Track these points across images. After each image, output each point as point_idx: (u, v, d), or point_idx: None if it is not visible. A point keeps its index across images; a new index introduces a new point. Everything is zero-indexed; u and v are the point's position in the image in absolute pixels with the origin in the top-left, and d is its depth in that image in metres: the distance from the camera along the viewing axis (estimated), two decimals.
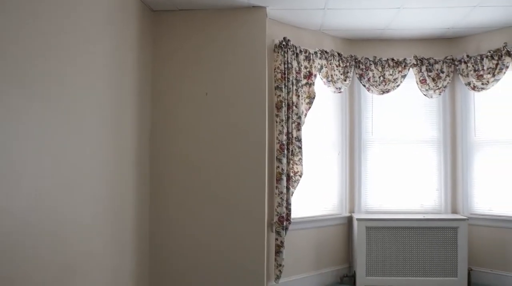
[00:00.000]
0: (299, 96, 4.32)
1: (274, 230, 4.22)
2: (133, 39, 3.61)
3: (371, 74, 4.89)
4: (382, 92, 4.91)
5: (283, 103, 4.21)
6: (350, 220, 4.97)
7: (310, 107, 4.45)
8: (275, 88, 4.25)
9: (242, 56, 4.05)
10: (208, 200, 4.01)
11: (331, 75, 4.66)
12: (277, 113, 4.23)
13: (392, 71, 4.90)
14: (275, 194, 4.20)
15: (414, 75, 4.93)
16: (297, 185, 4.32)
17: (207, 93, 4.06)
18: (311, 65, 4.48)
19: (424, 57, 4.92)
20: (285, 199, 4.19)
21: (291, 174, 4.27)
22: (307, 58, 4.47)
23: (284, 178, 4.18)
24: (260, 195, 3.99)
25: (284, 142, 4.19)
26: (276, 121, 4.23)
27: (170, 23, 4.08)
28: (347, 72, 4.82)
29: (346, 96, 5.02)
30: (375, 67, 4.90)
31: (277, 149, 4.21)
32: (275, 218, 4.20)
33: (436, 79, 4.90)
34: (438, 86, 4.90)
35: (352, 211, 5.01)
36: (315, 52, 4.54)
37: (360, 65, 4.91)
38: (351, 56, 4.90)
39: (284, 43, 4.28)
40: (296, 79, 4.33)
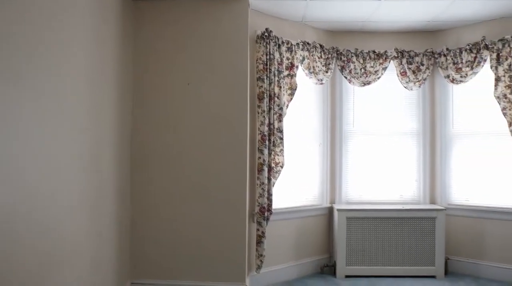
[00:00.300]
0: (281, 87, 4.34)
1: (255, 220, 4.24)
2: (113, 28, 3.57)
3: (352, 66, 4.92)
4: (363, 84, 4.96)
5: (265, 94, 4.22)
6: (330, 210, 5.03)
7: (291, 99, 4.46)
8: (257, 79, 4.25)
9: (224, 46, 4.04)
10: (189, 191, 4.01)
11: (313, 67, 4.68)
12: (259, 104, 4.24)
13: (373, 64, 4.95)
14: (257, 184, 4.23)
15: (395, 68, 4.98)
16: (278, 176, 4.34)
17: (189, 84, 4.04)
18: (293, 57, 4.49)
19: (405, 49, 4.97)
20: (266, 189, 4.21)
21: (273, 164, 4.29)
22: (289, 50, 4.48)
23: (266, 168, 4.20)
24: (242, 185, 4.01)
25: (265, 133, 4.20)
26: (258, 112, 4.24)
27: (151, 13, 4.05)
28: (329, 64, 4.84)
29: (328, 88, 5.05)
30: (357, 59, 4.93)
31: (258, 140, 4.23)
32: (257, 209, 4.22)
33: (416, 71, 4.97)
34: (418, 79, 4.96)
35: (333, 201, 5.06)
36: (297, 44, 4.55)
37: (342, 57, 4.94)
38: (333, 48, 4.92)
39: (266, 34, 4.27)
40: (278, 70, 4.34)
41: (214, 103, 4.03)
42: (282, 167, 4.34)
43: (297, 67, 4.52)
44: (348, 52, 4.93)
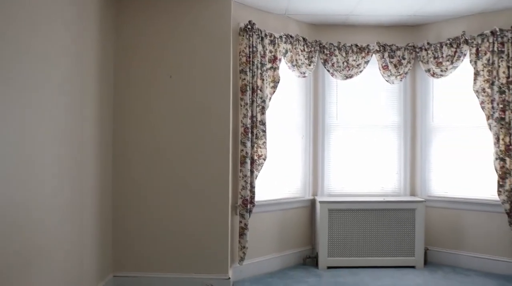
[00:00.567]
0: (263, 80, 4.35)
1: (238, 212, 4.27)
2: (94, 20, 3.53)
3: (335, 60, 4.95)
4: (345, 77, 5.00)
5: (248, 87, 4.23)
6: (313, 202, 5.08)
7: (274, 91, 4.48)
8: (240, 72, 4.26)
9: (207, 39, 4.03)
10: (172, 183, 4.01)
11: (296, 60, 4.70)
12: (241, 97, 4.24)
13: (356, 57, 4.99)
14: (239, 177, 4.24)
15: (377, 61, 5.03)
16: (261, 168, 4.37)
17: (171, 76, 4.03)
18: (276, 50, 4.50)
19: (387, 43, 5.02)
20: (249, 182, 4.23)
21: (255, 157, 4.31)
22: (272, 42, 4.49)
23: (248, 161, 4.22)
24: (224, 178, 4.03)
25: (248, 125, 4.22)
26: (241, 105, 4.25)
27: (133, 6, 4.01)
28: (312, 57, 4.87)
29: (311, 81, 5.08)
30: (339, 53, 4.97)
31: (241, 132, 4.24)
32: (239, 201, 4.24)
33: (397, 65, 5.02)
34: (400, 73, 5.02)
35: (315, 194, 5.11)
36: (280, 37, 4.56)
37: (325, 50, 4.97)
38: (316, 41, 4.95)
39: (249, 26, 4.27)
40: (261, 63, 4.35)
41: (197, 96, 4.02)
42: (264, 160, 4.37)
43: (280, 60, 4.53)
44: (331, 46, 4.96)
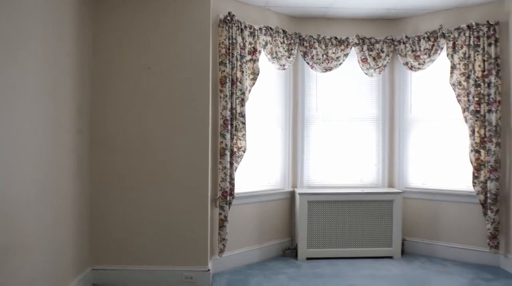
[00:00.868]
0: (243, 72, 4.34)
1: (217, 204, 4.27)
2: (72, 10, 3.47)
3: (314, 52, 4.97)
4: (325, 70, 5.02)
5: (227, 79, 4.22)
6: (292, 194, 5.11)
7: (254, 83, 4.48)
8: (219, 64, 4.24)
9: (186, 30, 4.00)
10: (151, 176, 3.98)
11: (276, 52, 4.70)
12: (221, 88, 4.23)
13: (335, 50, 5.01)
14: (219, 169, 4.24)
15: (356, 54, 5.07)
16: (240, 160, 4.37)
17: (149, 68, 3.99)
18: (255, 41, 4.49)
19: (366, 36, 5.06)
20: (228, 174, 4.24)
21: (235, 149, 4.32)
22: (252, 34, 4.48)
23: (228, 153, 4.22)
24: (204, 170, 4.02)
25: (228, 117, 4.21)
26: (220, 97, 4.23)
27: None
28: (292, 49, 4.88)
29: (290, 73, 5.09)
30: (319, 45, 4.99)
31: (220, 124, 4.23)
32: (219, 193, 4.24)
33: (376, 58, 5.07)
34: (378, 65, 5.07)
35: (295, 186, 5.14)
36: (260, 29, 4.55)
37: (304, 43, 4.98)
38: (296, 33, 4.95)
39: (229, 18, 4.26)
40: (240, 55, 4.34)
41: (176, 88, 3.99)
42: (244, 152, 4.37)
43: (259, 52, 4.52)
44: (311, 38, 4.98)
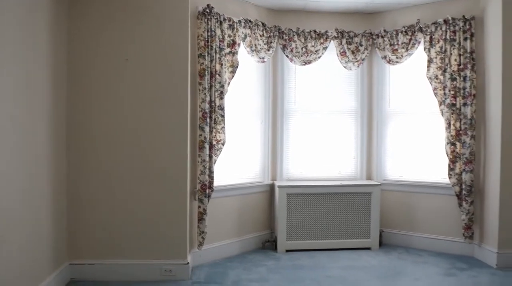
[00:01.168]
0: (222, 64, 4.33)
1: (196, 197, 4.26)
2: (45, 5, 3.39)
3: (294, 45, 4.98)
4: (304, 63, 5.04)
5: (206, 72, 4.20)
6: (272, 187, 5.13)
7: (233, 76, 4.46)
8: (198, 56, 4.22)
9: (164, 22, 3.95)
10: (129, 168, 3.95)
11: (255, 45, 4.69)
12: (200, 81, 4.21)
13: (314, 43, 5.03)
14: (198, 162, 4.23)
15: (335, 48, 5.09)
16: (219, 153, 4.36)
17: (127, 59, 3.94)
18: (234, 34, 4.47)
19: (345, 30, 5.09)
20: (207, 167, 4.23)
21: (214, 142, 4.31)
22: (231, 27, 4.46)
23: (207, 146, 4.21)
24: (183, 163, 4.00)
25: (206, 110, 4.20)
26: (199, 90, 4.21)
27: None
28: (271, 42, 4.87)
29: (270, 66, 5.09)
30: (298, 39, 4.99)
31: (199, 117, 4.21)
32: (198, 186, 4.23)
33: (355, 52, 5.10)
34: (357, 59, 5.11)
35: (274, 178, 5.16)
36: (239, 21, 4.54)
37: (284, 36, 4.98)
38: (275, 26, 4.95)
39: (207, 10, 4.23)
40: (219, 47, 4.32)
41: (154, 80, 3.95)
42: (223, 145, 4.36)
43: (239, 45, 4.51)
44: (290, 31, 4.98)
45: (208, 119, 4.21)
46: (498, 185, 4.30)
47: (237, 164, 4.83)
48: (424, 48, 4.79)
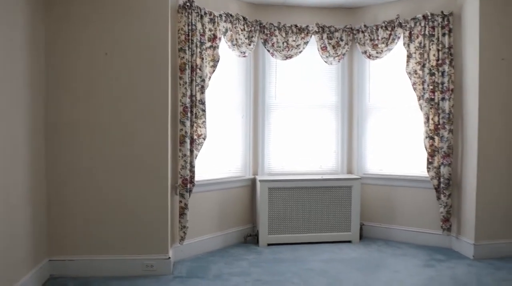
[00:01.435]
0: (203, 59, 4.31)
1: (178, 192, 4.24)
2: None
3: (275, 40, 4.99)
4: (285, 57, 5.05)
5: (187, 66, 4.18)
6: (253, 181, 5.14)
7: (214, 71, 4.45)
8: (178, 50, 4.19)
9: (144, 16, 3.91)
10: (109, 163, 3.91)
11: (236, 39, 4.68)
12: (180, 75, 4.18)
13: (295, 38, 5.04)
14: (179, 156, 4.21)
15: (316, 42, 5.12)
16: (201, 148, 4.35)
17: (107, 53, 3.89)
18: (215, 28, 4.46)
19: (326, 25, 5.11)
20: (188, 161, 4.21)
21: (195, 136, 4.29)
22: (212, 21, 4.44)
23: (188, 140, 4.19)
24: (163, 157, 3.98)
25: (187, 105, 4.18)
26: (180, 84, 4.19)
27: None
28: (252, 36, 4.87)
29: (251, 60, 5.09)
30: (279, 33, 5.00)
31: (180, 112, 4.19)
32: (179, 181, 4.22)
33: (336, 47, 5.13)
34: (338, 54, 5.14)
35: (255, 173, 5.17)
36: (220, 15, 4.52)
37: (265, 30, 4.98)
38: (256, 21, 4.94)
39: (188, 4, 4.20)
40: (200, 41, 4.30)
41: (134, 74, 3.91)
42: (204, 139, 4.35)
43: (219, 39, 4.49)
44: (271, 26, 4.98)
45: (189, 114, 4.19)
46: (475, 178, 4.39)
47: (218, 158, 4.83)
48: (404, 44, 4.85)
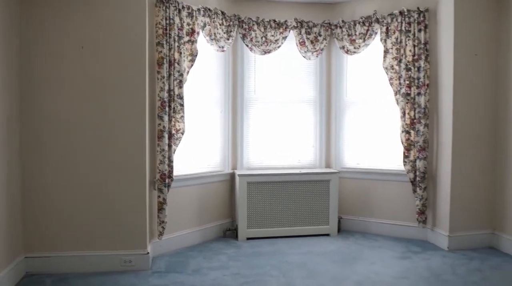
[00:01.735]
0: (181, 53, 4.28)
1: (156, 187, 4.23)
2: None
3: (253, 34, 4.99)
4: (264, 52, 5.06)
5: (165, 60, 4.15)
6: (232, 176, 5.15)
7: (192, 65, 4.43)
8: (156, 45, 4.15)
9: (121, 9, 3.87)
10: (86, 158, 3.87)
11: (214, 34, 4.67)
12: (158, 70, 4.15)
13: (274, 32, 5.05)
14: (157, 151, 4.19)
15: (294, 37, 5.14)
16: (179, 143, 4.34)
17: (83, 47, 3.84)
18: (193, 22, 4.43)
19: (304, 20, 5.14)
20: (167, 156, 4.20)
21: (173, 131, 4.27)
22: (190, 15, 4.42)
23: (166, 135, 4.17)
24: (141, 152, 3.96)
25: (165, 99, 4.15)
26: (158, 78, 4.16)
27: None
28: (230, 31, 4.86)
29: (230, 55, 5.08)
30: (258, 28, 5.00)
31: (158, 106, 4.16)
32: (157, 176, 4.20)
33: (314, 42, 5.17)
34: (316, 49, 5.17)
35: (234, 167, 5.18)
36: (198, 9, 4.50)
37: (243, 25, 4.98)
38: (235, 15, 4.94)
39: None
40: (178, 36, 4.27)
41: (111, 68, 3.87)
42: (183, 134, 4.34)
43: (198, 33, 4.47)
44: (250, 20, 4.98)
45: (167, 109, 4.17)
46: (449, 172, 4.49)
47: (197, 153, 4.81)
48: (381, 39, 4.91)
